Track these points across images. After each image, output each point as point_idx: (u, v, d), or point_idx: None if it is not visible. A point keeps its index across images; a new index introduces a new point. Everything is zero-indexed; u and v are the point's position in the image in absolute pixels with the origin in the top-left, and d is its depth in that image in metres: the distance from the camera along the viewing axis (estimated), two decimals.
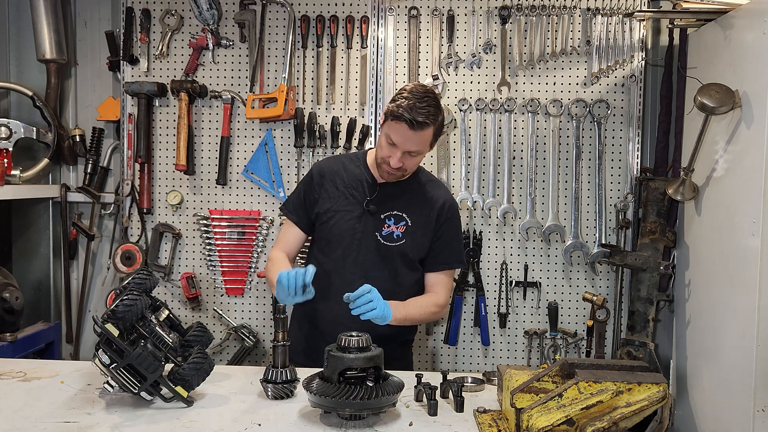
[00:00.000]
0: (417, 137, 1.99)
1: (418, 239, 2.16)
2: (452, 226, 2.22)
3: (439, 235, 2.19)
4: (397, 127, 1.99)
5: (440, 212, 2.18)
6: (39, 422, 1.59)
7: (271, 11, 2.87)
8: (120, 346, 1.64)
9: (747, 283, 2.06)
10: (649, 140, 2.85)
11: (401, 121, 1.98)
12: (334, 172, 2.21)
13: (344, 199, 2.18)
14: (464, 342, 2.91)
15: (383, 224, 2.15)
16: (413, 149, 2.02)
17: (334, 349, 1.64)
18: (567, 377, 1.53)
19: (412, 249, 2.16)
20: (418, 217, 2.17)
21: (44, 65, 2.92)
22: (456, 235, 2.24)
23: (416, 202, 2.18)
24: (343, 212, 2.17)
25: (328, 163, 2.27)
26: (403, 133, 1.99)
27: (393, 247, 2.14)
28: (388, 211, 2.16)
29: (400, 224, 2.15)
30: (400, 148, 2.01)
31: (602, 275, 2.85)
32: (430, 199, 2.19)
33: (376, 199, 2.16)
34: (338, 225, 2.16)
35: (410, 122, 1.96)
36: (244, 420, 1.63)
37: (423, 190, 2.20)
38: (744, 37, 2.20)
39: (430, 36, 2.84)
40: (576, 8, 2.80)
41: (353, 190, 2.18)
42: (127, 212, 2.93)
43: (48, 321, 2.95)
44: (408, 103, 1.97)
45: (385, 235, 2.15)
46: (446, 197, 2.22)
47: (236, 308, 2.94)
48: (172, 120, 2.89)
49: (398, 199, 2.18)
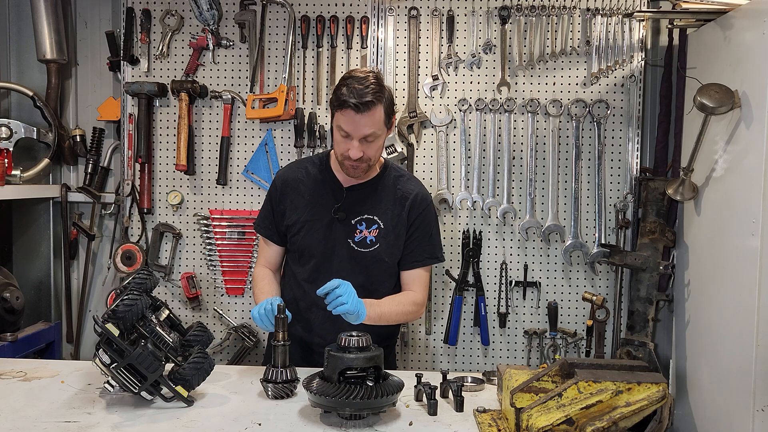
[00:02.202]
0: (367, 119, 1.92)
1: (392, 241, 2.08)
2: (426, 220, 2.12)
3: (412, 231, 2.10)
4: (345, 115, 1.92)
5: (412, 207, 2.09)
6: (39, 422, 1.59)
7: (272, 11, 2.87)
8: (120, 345, 1.64)
9: (747, 283, 2.06)
10: (648, 140, 2.85)
11: (346, 108, 1.91)
12: (297, 180, 2.13)
13: (311, 208, 2.09)
14: (464, 342, 2.91)
15: (355, 230, 2.07)
16: (368, 132, 1.94)
17: (335, 349, 1.64)
18: (567, 377, 1.54)
19: (388, 252, 2.08)
20: (391, 217, 2.08)
21: (45, 65, 2.92)
22: (429, 230, 2.13)
23: (387, 202, 2.09)
24: (312, 222, 2.08)
25: (290, 170, 2.18)
26: (352, 119, 1.92)
27: (367, 253, 2.06)
28: (358, 215, 2.07)
29: (372, 228, 2.07)
30: (354, 136, 1.94)
31: (602, 275, 2.85)
32: (401, 195, 2.10)
33: (344, 204, 2.07)
34: (308, 236, 2.08)
35: (355, 106, 1.89)
36: (244, 420, 1.63)
37: (392, 187, 2.11)
38: (743, 37, 2.20)
39: (430, 36, 2.84)
40: (576, 8, 2.80)
41: (319, 197, 2.10)
42: (127, 212, 2.93)
43: (48, 321, 2.95)
44: (348, 89, 1.91)
45: (358, 241, 2.06)
46: (417, 190, 2.13)
47: (236, 308, 2.94)
48: (172, 120, 2.90)
49: (367, 201, 2.09)
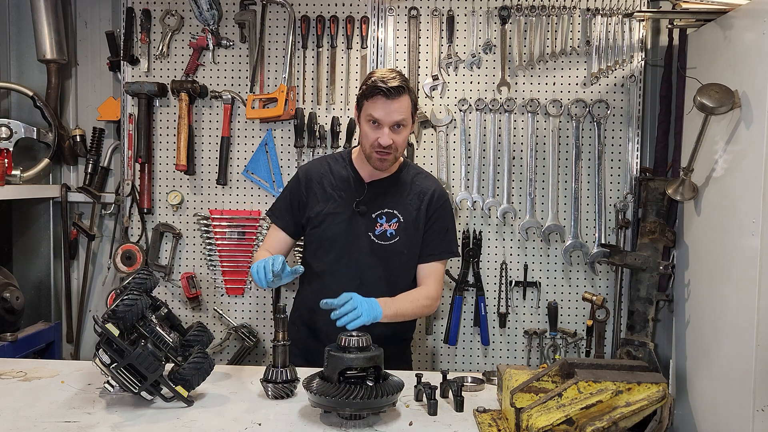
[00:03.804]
0: (397, 105, 2.00)
1: (411, 234, 2.15)
2: (443, 216, 2.19)
3: (429, 225, 2.17)
4: (375, 102, 2.00)
5: (430, 203, 2.17)
6: (39, 422, 1.59)
7: (272, 11, 2.87)
8: (120, 345, 1.64)
9: (747, 283, 2.06)
10: (648, 140, 2.85)
11: (377, 95, 1.99)
12: (321, 175, 2.20)
13: (333, 201, 2.16)
14: (464, 342, 2.91)
15: (375, 224, 2.14)
16: (398, 118, 2.01)
17: (334, 349, 1.64)
18: (567, 377, 1.53)
19: (407, 245, 2.14)
20: (410, 212, 2.15)
21: (45, 65, 2.92)
22: (446, 225, 2.20)
23: (406, 197, 2.16)
24: (334, 215, 2.15)
25: (313, 165, 2.25)
26: (382, 106, 1.99)
27: (387, 246, 2.13)
28: (378, 209, 2.15)
29: (392, 221, 2.14)
30: (385, 122, 2.01)
31: (602, 275, 2.85)
32: (420, 191, 2.17)
33: (365, 198, 2.15)
34: (330, 228, 2.14)
35: (386, 91, 1.97)
36: (244, 420, 1.63)
37: (411, 183, 2.19)
38: (743, 37, 2.20)
39: (430, 36, 2.84)
40: (576, 8, 2.80)
41: (341, 191, 2.17)
42: (127, 212, 2.93)
43: (48, 321, 2.95)
44: (376, 78, 2.00)
45: (379, 234, 2.13)
46: (435, 187, 2.20)
47: (236, 308, 2.94)
48: (172, 120, 2.90)
49: (388, 196, 2.16)
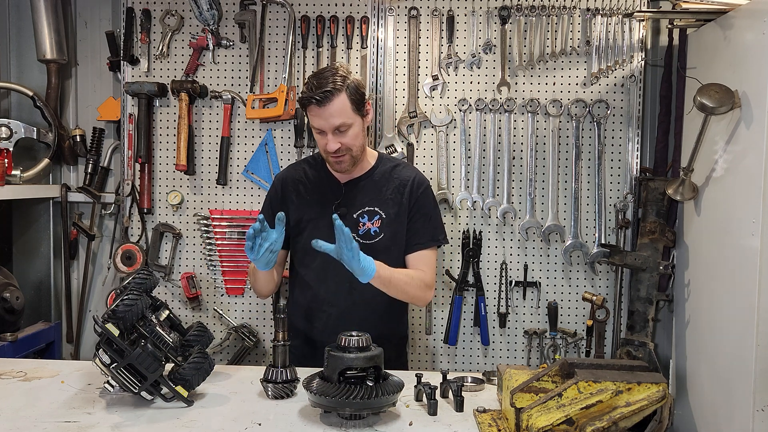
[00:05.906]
0: (331, 109, 1.94)
1: (396, 228, 2.11)
2: (425, 204, 2.15)
3: (412, 215, 2.13)
4: (311, 111, 1.97)
5: (411, 192, 2.13)
6: (39, 422, 1.59)
7: (272, 11, 2.87)
8: (120, 345, 1.64)
9: (746, 283, 2.06)
10: (648, 140, 2.85)
11: (310, 105, 1.96)
12: (296, 181, 2.17)
13: (312, 206, 2.13)
14: (464, 342, 2.91)
15: (358, 224, 2.09)
16: (336, 123, 1.96)
17: (334, 349, 1.64)
18: (567, 377, 1.53)
19: (393, 240, 2.10)
20: (392, 206, 2.12)
21: (45, 65, 2.92)
22: (428, 212, 2.15)
23: (386, 191, 2.13)
24: (315, 220, 2.11)
25: (289, 172, 2.23)
26: (317, 114, 1.96)
27: (373, 244, 2.08)
28: (359, 209, 2.11)
29: (374, 219, 2.10)
30: (325, 129, 1.97)
31: (602, 275, 2.85)
32: (399, 183, 2.13)
33: (344, 200, 2.11)
34: (312, 234, 2.06)
35: (316, 100, 1.93)
36: (244, 420, 1.63)
37: (389, 176, 2.15)
38: (743, 37, 2.20)
39: (430, 36, 2.84)
40: (576, 8, 2.80)
41: (319, 195, 2.14)
42: (127, 212, 2.93)
43: (48, 321, 2.95)
44: (308, 87, 1.98)
45: (363, 234, 2.09)
46: (414, 175, 2.16)
47: (236, 308, 2.94)
48: (172, 120, 2.90)
49: (366, 193, 2.12)
